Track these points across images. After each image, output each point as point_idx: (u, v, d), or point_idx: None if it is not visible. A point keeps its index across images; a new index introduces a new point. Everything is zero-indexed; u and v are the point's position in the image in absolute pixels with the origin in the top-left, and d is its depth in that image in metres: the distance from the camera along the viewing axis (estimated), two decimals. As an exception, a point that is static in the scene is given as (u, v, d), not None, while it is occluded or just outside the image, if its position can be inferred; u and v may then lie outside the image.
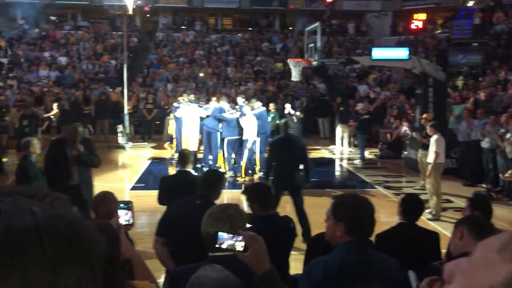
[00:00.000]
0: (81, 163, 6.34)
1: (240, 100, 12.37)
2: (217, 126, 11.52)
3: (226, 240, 1.92)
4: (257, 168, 11.71)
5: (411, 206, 4.00)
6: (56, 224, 0.66)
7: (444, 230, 6.86)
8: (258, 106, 11.82)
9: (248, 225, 2.56)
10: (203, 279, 1.55)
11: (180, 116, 11.93)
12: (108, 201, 3.52)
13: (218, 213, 2.51)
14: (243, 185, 10.10)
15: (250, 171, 11.39)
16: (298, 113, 12.17)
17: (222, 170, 11.06)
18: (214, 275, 1.57)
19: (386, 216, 9.04)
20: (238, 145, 11.44)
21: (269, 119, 13.41)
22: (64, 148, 6.30)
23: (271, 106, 14.03)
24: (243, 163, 11.16)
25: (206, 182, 4.04)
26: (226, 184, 10.77)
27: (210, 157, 11.91)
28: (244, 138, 11.05)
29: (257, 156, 11.57)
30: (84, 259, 0.68)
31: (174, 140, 13.17)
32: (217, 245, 1.93)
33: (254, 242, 1.91)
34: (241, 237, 1.92)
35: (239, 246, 1.91)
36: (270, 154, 7.62)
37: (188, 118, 11.62)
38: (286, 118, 12.07)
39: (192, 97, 13.43)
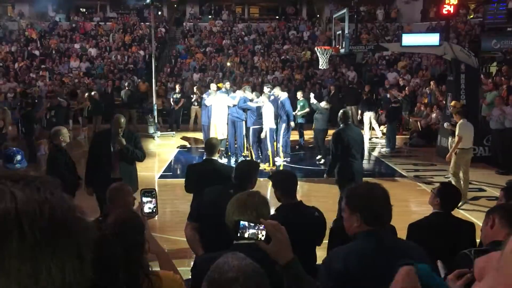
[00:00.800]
0: (124, 157, 6.11)
1: (266, 89, 12.46)
2: (242, 115, 11.60)
3: (248, 229, 1.90)
4: (281, 155, 11.83)
5: (449, 196, 3.87)
6: (40, 210, 0.63)
7: (477, 219, 6.69)
8: (279, 94, 12.00)
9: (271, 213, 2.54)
10: (224, 267, 1.54)
11: (210, 105, 12.01)
12: (124, 193, 3.53)
13: (244, 201, 2.50)
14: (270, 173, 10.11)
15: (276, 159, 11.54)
16: (324, 104, 12.01)
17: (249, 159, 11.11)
18: (235, 262, 1.55)
19: (416, 205, 8.94)
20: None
21: (298, 107, 13.42)
22: (107, 141, 6.12)
23: (299, 94, 13.93)
24: (269, 151, 11.21)
25: (240, 172, 4.00)
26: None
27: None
28: (264, 126, 11.17)
29: (280, 143, 11.82)
30: (69, 246, 0.64)
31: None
32: (239, 234, 1.91)
33: (276, 232, 1.88)
34: (263, 226, 1.89)
35: (261, 235, 1.89)
36: (334, 145, 7.21)
37: (217, 106, 11.69)
38: (313, 107, 12.08)
39: (227, 85, 13.54)
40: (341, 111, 7.56)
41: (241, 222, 1.93)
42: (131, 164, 6.28)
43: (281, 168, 11.18)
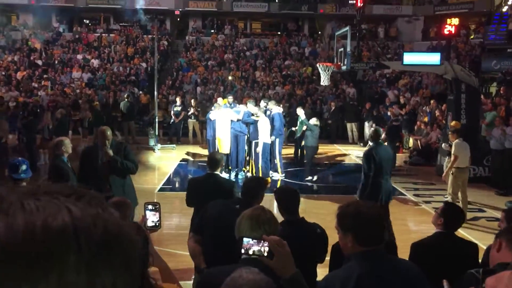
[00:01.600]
0: (113, 169, 5.82)
1: (261, 103, 12.59)
2: (245, 129, 11.65)
3: (252, 245, 1.92)
4: (279, 170, 11.87)
5: (453, 216, 3.85)
6: (94, 224, 0.64)
7: (477, 240, 6.68)
8: (272, 108, 12.08)
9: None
10: (239, 281, 1.55)
11: (214, 119, 12.04)
12: (124, 207, 3.55)
13: (257, 217, 2.50)
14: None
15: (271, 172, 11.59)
16: (314, 120, 11.90)
17: (249, 174, 11.13)
18: (250, 276, 1.56)
19: (415, 224, 8.93)
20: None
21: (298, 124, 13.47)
22: (95, 155, 5.90)
23: (299, 111, 13.84)
24: (259, 165, 11.30)
25: (248, 189, 4.00)
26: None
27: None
28: (259, 140, 11.25)
29: (277, 158, 11.90)
30: (121, 260, 0.66)
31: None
32: (243, 251, 1.92)
33: (278, 247, 1.90)
34: (266, 242, 1.91)
35: (265, 251, 1.90)
36: (367, 165, 7.02)
37: (221, 120, 11.72)
38: (304, 124, 12.05)
39: (231, 99, 13.67)
40: (372, 129, 7.50)
41: (245, 239, 1.94)
42: (123, 177, 6.01)
43: (278, 183, 11.18)
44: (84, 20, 29.46)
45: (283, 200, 3.67)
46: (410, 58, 12.19)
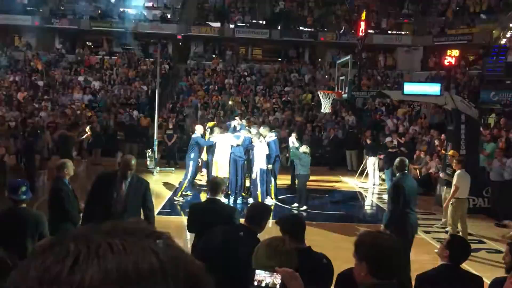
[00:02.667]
0: (129, 209, 5.33)
1: (262, 129, 12.51)
2: (243, 154, 11.68)
3: (264, 277, 1.90)
4: (272, 196, 11.86)
5: (458, 248, 3.82)
6: (176, 265, 0.65)
7: (478, 272, 6.62)
8: (266, 134, 11.94)
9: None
10: None
11: (214, 142, 12.06)
12: None
13: (276, 247, 2.47)
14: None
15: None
16: (303, 148, 11.77)
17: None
18: None
19: (415, 255, 8.81)
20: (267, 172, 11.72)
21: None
22: (111, 186, 5.37)
23: (290, 138, 13.64)
24: (258, 192, 11.27)
25: (251, 214, 3.97)
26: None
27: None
28: (255, 166, 11.26)
29: (272, 183, 11.90)
30: None
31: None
32: (256, 283, 1.90)
33: (291, 279, 1.88)
34: (279, 275, 1.89)
35: (277, 283, 1.88)
36: (395, 197, 6.71)
37: (221, 145, 11.74)
38: (293, 151, 11.97)
39: (236, 122, 13.47)
40: (397, 159, 7.08)
41: (257, 271, 1.92)
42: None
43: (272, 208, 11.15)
44: (87, 43, 29.74)
45: (289, 228, 3.64)
46: (410, 88, 12.29)
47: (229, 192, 11.83)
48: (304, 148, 11.63)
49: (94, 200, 5.46)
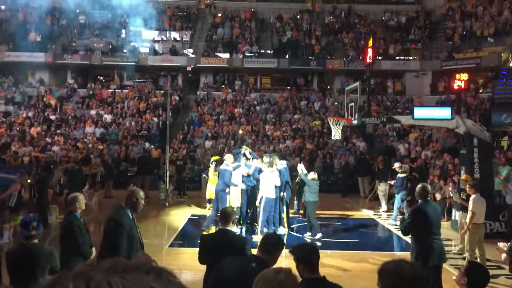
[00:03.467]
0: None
1: (265, 158, 12.39)
2: (254, 183, 11.63)
3: None
4: (285, 225, 11.68)
5: (476, 276, 3.71)
6: None
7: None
8: (277, 162, 11.78)
9: None
10: None
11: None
12: None
13: (269, 278, 2.43)
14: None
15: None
16: (312, 174, 11.69)
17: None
18: None
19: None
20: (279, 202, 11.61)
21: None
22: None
23: (298, 165, 13.43)
24: (259, 220, 11.15)
25: (264, 245, 3.92)
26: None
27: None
28: (261, 195, 11.09)
29: (285, 213, 11.71)
30: None
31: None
32: None
33: None
34: None
35: None
36: (414, 223, 6.53)
37: (233, 174, 11.68)
38: (301, 178, 11.81)
39: (247, 150, 13.18)
40: (419, 185, 6.89)
41: None
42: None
43: (285, 238, 10.99)
44: (98, 77, 30.24)
45: (303, 257, 3.57)
46: (421, 112, 12.26)
47: (241, 222, 11.74)
48: (313, 175, 11.54)
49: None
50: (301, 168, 12.06)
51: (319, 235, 11.23)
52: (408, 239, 11.41)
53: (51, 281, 0.65)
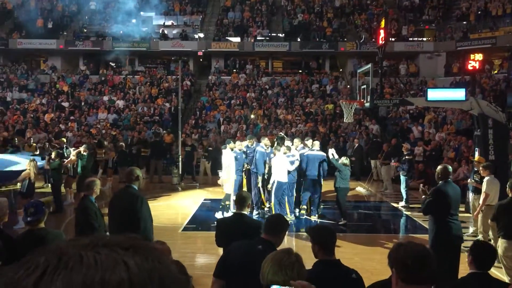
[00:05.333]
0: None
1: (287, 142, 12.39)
2: (261, 168, 11.60)
3: None
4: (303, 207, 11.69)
5: (482, 254, 3.77)
6: (150, 278, 0.64)
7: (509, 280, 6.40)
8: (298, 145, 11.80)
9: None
10: None
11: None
12: (166, 253, 3.54)
13: (279, 260, 2.44)
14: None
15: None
16: (343, 159, 11.45)
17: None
18: None
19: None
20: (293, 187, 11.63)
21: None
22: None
23: (330, 150, 13.22)
24: (271, 203, 11.22)
25: (269, 226, 3.94)
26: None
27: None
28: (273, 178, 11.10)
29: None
30: None
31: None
32: None
33: None
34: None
35: None
36: (435, 203, 6.58)
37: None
38: (333, 164, 11.66)
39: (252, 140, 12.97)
40: (440, 166, 6.86)
41: (272, 286, 1.88)
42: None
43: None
44: (110, 63, 30.32)
45: (319, 238, 3.57)
46: (434, 94, 12.09)
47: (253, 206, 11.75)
48: (344, 160, 11.26)
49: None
50: (332, 153, 11.66)
51: (343, 221, 11.10)
52: (422, 221, 11.40)
53: (28, 256, 0.66)
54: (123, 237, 0.69)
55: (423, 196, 6.88)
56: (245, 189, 11.65)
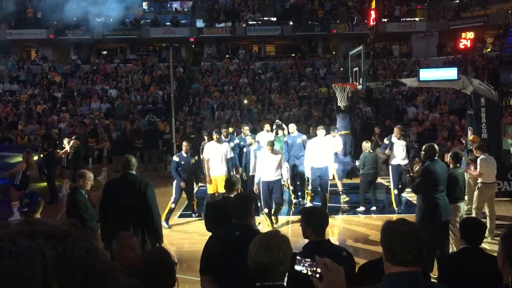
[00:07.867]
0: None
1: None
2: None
3: (305, 265, 1.83)
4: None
5: (470, 229, 3.89)
6: (73, 269, 0.61)
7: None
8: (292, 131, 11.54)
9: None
10: None
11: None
12: (132, 246, 3.58)
13: (267, 241, 2.44)
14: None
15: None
16: (365, 143, 11.12)
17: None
18: None
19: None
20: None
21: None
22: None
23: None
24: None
25: (236, 209, 3.85)
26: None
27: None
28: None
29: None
30: None
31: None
32: (297, 268, 1.83)
33: (328, 271, 1.79)
34: (317, 264, 1.81)
35: (316, 273, 1.80)
36: (423, 181, 6.65)
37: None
38: None
39: (246, 129, 12.48)
40: (426, 145, 6.92)
41: (298, 257, 1.86)
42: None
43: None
44: (101, 52, 30.05)
45: (311, 219, 3.58)
46: (426, 74, 12.06)
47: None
48: (365, 144, 10.98)
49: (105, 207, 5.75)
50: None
51: (362, 209, 10.86)
52: (414, 200, 11.42)
53: None
54: (54, 225, 0.66)
55: (407, 175, 6.98)
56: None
